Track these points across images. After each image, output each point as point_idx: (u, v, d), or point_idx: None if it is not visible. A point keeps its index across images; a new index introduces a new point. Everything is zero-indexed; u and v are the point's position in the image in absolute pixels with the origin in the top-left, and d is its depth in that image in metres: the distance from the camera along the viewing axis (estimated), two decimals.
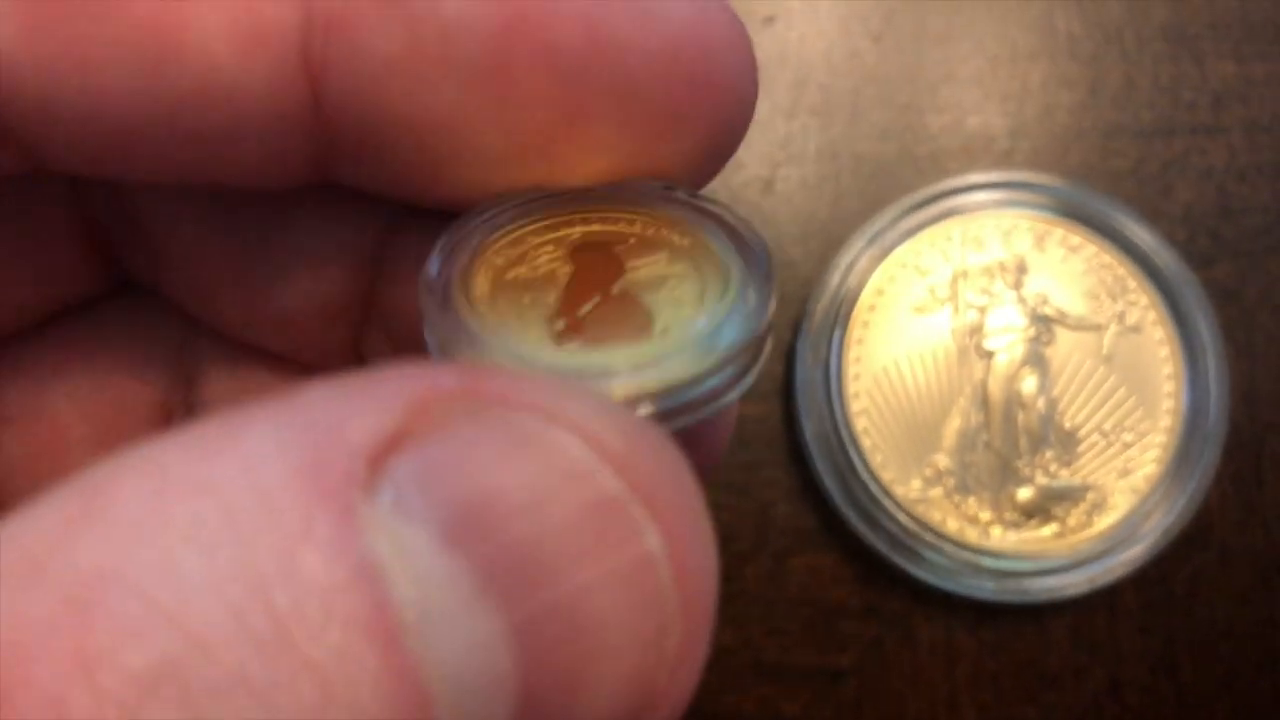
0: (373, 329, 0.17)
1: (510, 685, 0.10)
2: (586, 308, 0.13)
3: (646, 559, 0.10)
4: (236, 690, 0.09)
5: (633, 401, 0.12)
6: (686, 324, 0.13)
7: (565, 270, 0.14)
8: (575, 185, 0.14)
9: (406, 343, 0.17)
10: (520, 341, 0.12)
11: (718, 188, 0.28)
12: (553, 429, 0.11)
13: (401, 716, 0.09)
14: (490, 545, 0.10)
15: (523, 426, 0.11)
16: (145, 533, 0.09)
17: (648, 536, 0.10)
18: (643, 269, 0.14)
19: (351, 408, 0.10)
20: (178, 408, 0.18)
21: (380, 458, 0.10)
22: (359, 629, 0.09)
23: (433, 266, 0.13)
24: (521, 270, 0.14)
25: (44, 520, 0.10)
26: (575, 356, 0.12)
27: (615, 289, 0.14)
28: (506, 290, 0.14)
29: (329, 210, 0.16)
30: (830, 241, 0.28)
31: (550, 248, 0.14)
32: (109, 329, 0.18)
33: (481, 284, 0.13)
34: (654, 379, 0.12)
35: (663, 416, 0.12)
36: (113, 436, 0.18)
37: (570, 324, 0.13)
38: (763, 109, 0.28)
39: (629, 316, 0.13)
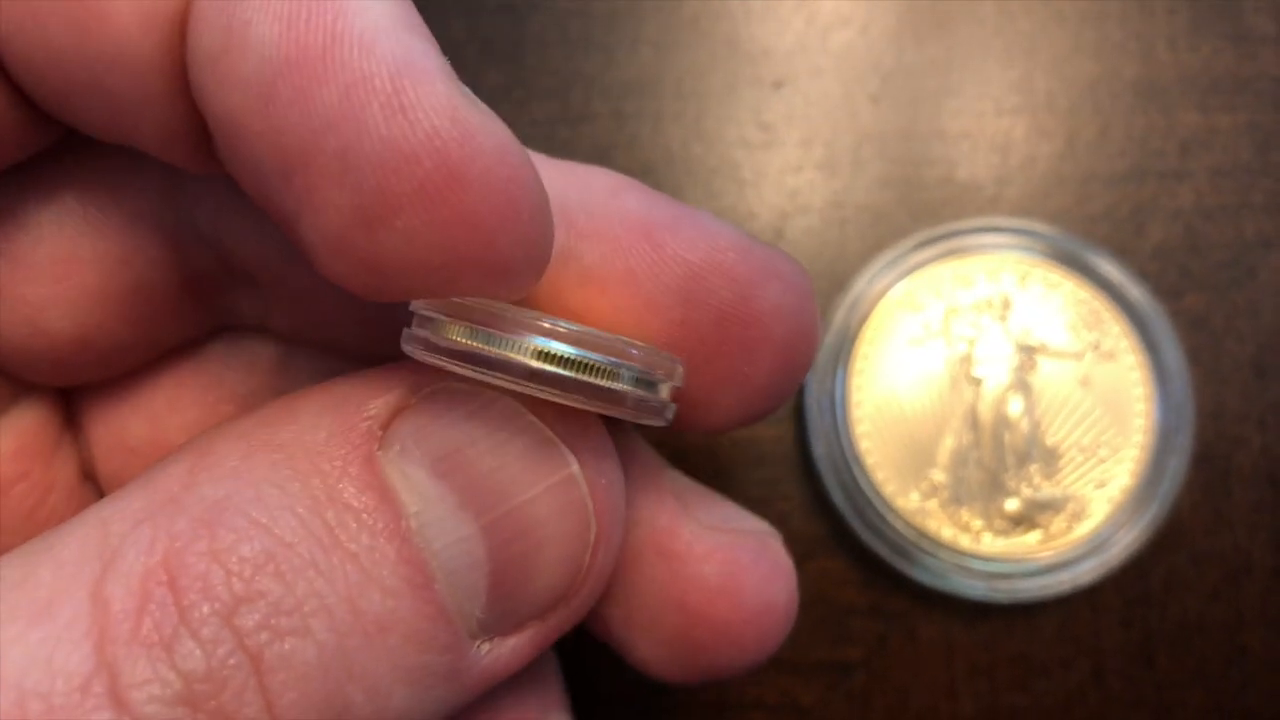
0: None
1: (484, 567, 0.15)
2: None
3: (571, 478, 0.15)
4: (308, 569, 0.14)
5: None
6: None
7: None
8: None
9: None
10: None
11: None
12: (503, 399, 0.15)
13: (412, 588, 0.14)
14: (464, 474, 0.15)
15: (483, 399, 0.15)
16: (241, 478, 0.14)
17: (570, 464, 0.15)
18: None
19: (370, 390, 0.15)
20: None
21: (389, 422, 0.15)
22: (382, 532, 0.14)
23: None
24: None
25: (171, 471, 0.14)
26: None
27: None
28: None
29: None
30: (835, 282, 0.31)
31: None
32: (216, 365, 0.20)
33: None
34: None
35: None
36: None
37: None
38: (773, 165, 0.32)
39: None
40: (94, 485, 0.20)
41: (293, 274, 0.19)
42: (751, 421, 0.19)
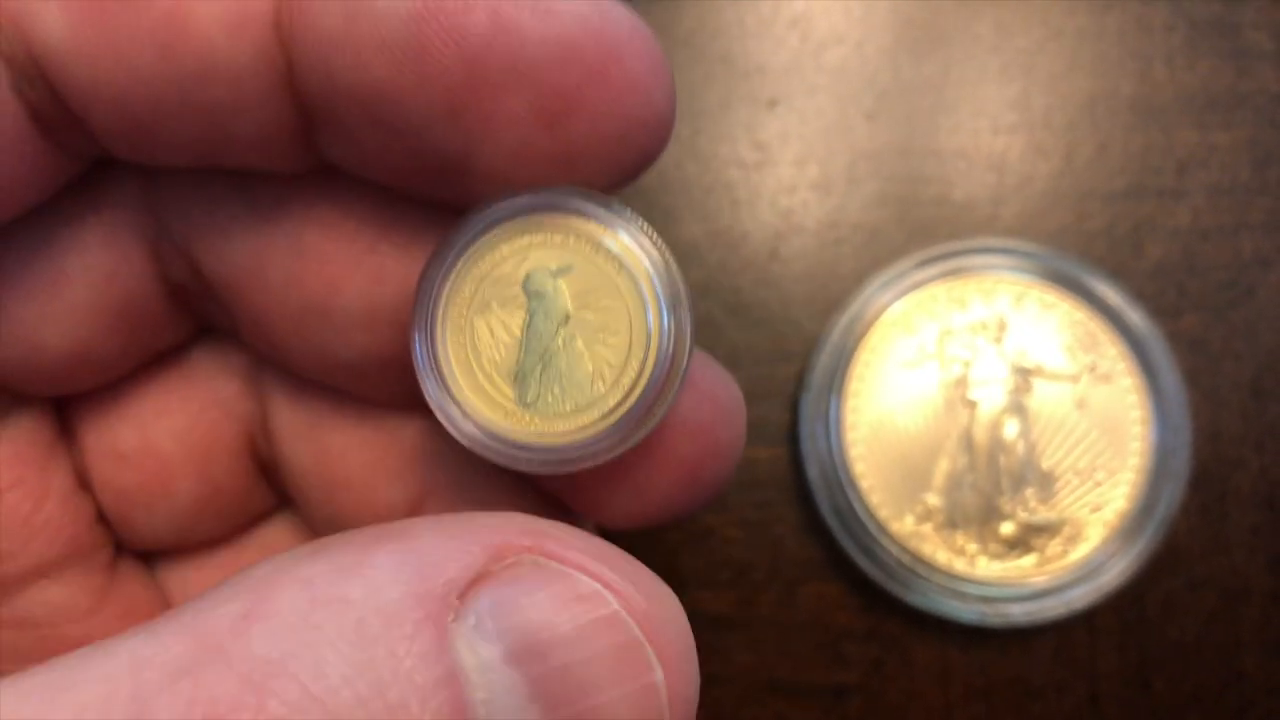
0: None
1: None
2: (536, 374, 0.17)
3: (653, 687, 0.14)
4: None
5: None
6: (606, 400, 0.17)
7: (518, 322, 0.16)
8: (508, 197, 0.16)
9: None
10: (490, 425, 0.16)
11: (728, 259, 0.31)
12: (594, 585, 0.14)
13: None
14: (541, 665, 0.14)
15: (573, 580, 0.14)
16: (301, 635, 0.13)
17: (655, 671, 0.14)
18: (586, 314, 0.16)
19: (449, 549, 0.14)
20: (258, 436, 0.21)
21: (468, 590, 0.14)
22: (445, 717, 0.13)
23: (417, 351, 0.16)
24: (485, 331, 0.16)
25: (220, 612, 0.13)
26: (529, 437, 0.17)
27: (561, 338, 0.16)
28: (470, 372, 0.16)
29: (380, 278, 0.18)
30: (830, 303, 0.31)
31: (505, 292, 0.16)
32: (199, 372, 0.21)
33: (455, 365, 0.16)
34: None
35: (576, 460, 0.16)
36: (209, 467, 0.21)
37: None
38: (768, 184, 0.32)
39: (574, 372, 0.17)
40: (88, 492, 0.20)
41: (252, 294, 0.18)
42: (670, 520, 0.19)
